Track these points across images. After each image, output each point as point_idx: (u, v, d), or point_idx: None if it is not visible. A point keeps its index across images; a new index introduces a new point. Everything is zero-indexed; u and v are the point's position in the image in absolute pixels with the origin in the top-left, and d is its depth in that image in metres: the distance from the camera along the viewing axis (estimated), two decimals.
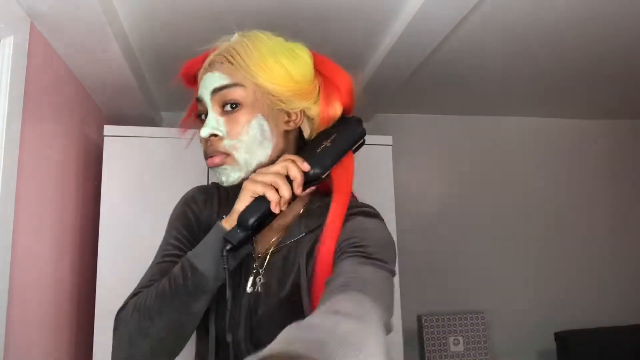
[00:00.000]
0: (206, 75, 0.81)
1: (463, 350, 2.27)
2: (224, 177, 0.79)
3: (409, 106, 2.46)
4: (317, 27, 1.53)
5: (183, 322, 0.72)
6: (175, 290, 0.71)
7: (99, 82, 1.71)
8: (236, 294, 0.79)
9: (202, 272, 0.71)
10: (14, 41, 1.13)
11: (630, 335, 2.35)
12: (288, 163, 0.73)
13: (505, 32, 1.65)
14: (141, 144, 1.73)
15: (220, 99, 0.79)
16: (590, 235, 2.64)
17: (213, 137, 0.79)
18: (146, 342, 0.71)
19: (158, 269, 0.79)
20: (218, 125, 0.78)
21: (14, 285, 1.15)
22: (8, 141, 1.11)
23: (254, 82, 0.78)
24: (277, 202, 0.70)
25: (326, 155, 0.75)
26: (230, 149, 0.78)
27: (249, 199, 0.72)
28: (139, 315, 0.71)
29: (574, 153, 2.71)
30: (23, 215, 1.21)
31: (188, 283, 0.71)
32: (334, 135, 0.78)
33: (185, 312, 0.71)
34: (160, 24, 1.47)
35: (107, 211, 1.65)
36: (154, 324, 0.70)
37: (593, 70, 2.04)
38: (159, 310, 0.71)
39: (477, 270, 2.48)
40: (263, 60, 0.78)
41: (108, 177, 1.68)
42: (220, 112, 0.79)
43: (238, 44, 0.80)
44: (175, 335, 0.72)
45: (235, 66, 0.78)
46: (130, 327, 0.71)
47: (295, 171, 0.72)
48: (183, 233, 0.84)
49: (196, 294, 0.71)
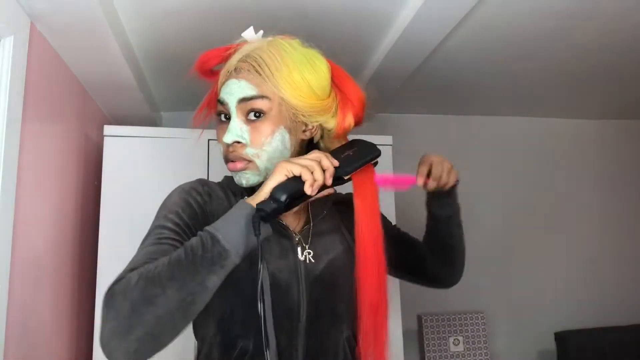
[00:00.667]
0: (232, 80, 0.83)
1: (463, 350, 2.27)
2: (244, 180, 0.84)
3: (409, 106, 2.46)
4: (317, 27, 1.53)
5: (195, 296, 0.67)
6: (192, 259, 0.67)
7: (99, 82, 1.71)
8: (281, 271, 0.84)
9: (223, 245, 0.68)
10: (14, 41, 1.13)
11: (630, 335, 2.35)
12: (321, 154, 0.76)
13: (505, 32, 1.65)
14: (141, 144, 1.73)
15: (245, 107, 0.82)
16: (590, 235, 2.64)
17: (236, 143, 0.83)
18: (152, 311, 0.64)
19: (156, 249, 0.74)
20: (242, 133, 0.82)
21: (14, 285, 1.15)
22: (8, 141, 1.11)
23: (280, 96, 0.82)
24: (311, 183, 0.72)
25: (350, 161, 0.81)
26: (253, 157, 0.83)
27: (283, 177, 0.73)
28: (145, 283, 0.65)
29: (574, 153, 2.70)
30: (23, 215, 1.21)
31: (207, 255, 0.67)
32: (355, 148, 0.84)
33: (200, 283, 0.67)
34: (160, 24, 1.47)
35: (107, 211, 1.65)
36: (164, 293, 0.64)
37: (593, 70, 2.04)
38: (172, 277, 0.66)
39: (477, 270, 2.47)
40: (290, 75, 0.82)
41: (108, 177, 1.68)
42: (245, 119, 0.83)
43: (264, 52, 0.83)
44: (184, 310, 0.66)
45: (263, 78, 0.82)
46: (134, 295, 0.64)
47: (327, 162, 0.76)
48: (184, 220, 0.81)
49: (214, 267, 0.68)
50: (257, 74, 0.82)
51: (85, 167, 1.76)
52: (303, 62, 0.84)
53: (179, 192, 0.86)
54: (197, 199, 0.85)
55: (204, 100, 0.93)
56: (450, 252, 1.03)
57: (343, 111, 0.88)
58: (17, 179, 1.16)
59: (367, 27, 1.56)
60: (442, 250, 1.02)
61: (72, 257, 1.63)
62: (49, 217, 1.42)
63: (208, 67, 0.90)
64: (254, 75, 0.82)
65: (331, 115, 0.87)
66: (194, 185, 0.88)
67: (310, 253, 0.87)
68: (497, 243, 2.53)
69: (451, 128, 2.60)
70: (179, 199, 0.84)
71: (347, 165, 0.80)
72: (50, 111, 1.42)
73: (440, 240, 1.02)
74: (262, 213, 0.70)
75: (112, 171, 1.68)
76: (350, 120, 0.89)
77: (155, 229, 0.79)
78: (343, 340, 0.87)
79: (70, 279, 1.60)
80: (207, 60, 0.89)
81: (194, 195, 0.85)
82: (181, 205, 0.83)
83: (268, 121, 0.82)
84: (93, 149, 1.85)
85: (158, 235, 0.77)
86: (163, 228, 0.78)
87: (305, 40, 0.88)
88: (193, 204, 0.84)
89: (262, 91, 0.81)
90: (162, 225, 0.79)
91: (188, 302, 0.66)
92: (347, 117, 0.88)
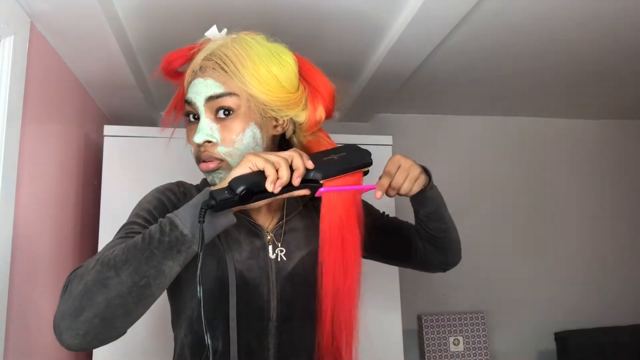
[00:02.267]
0: (198, 80, 0.82)
1: (463, 350, 2.27)
2: (218, 180, 0.83)
3: (409, 106, 2.46)
4: (317, 27, 1.53)
5: (149, 280, 0.65)
6: (149, 243, 0.66)
7: (99, 82, 1.71)
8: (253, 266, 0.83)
9: (181, 230, 0.67)
10: (14, 41, 1.13)
11: (630, 335, 2.35)
12: (294, 153, 0.73)
13: (505, 32, 1.65)
14: (141, 144, 1.73)
15: (213, 106, 0.81)
16: (590, 235, 2.64)
17: (207, 143, 0.81)
18: (103, 293, 0.63)
19: (122, 242, 0.73)
20: (212, 132, 0.81)
21: (14, 285, 1.15)
22: (8, 141, 1.11)
23: (248, 91, 0.81)
24: (273, 180, 0.69)
25: (331, 165, 0.77)
26: (225, 156, 0.81)
27: (247, 169, 0.70)
28: (101, 267, 0.65)
29: (574, 153, 2.70)
30: (23, 215, 1.21)
31: (164, 239, 0.66)
32: (343, 153, 0.80)
33: (154, 267, 0.65)
34: (160, 23, 1.47)
35: (107, 211, 1.65)
36: (118, 275, 0.64)
37: (594, 71, 2.04)
38: (126, 260, 0.65)
39: (477, 270, 2.48)
40: (256, 70, 0.81)
41: (108, 177, 1.68)
42: (214, 118, 0.82)
43: (229, 49, 0.82)
44: (137, 294, 0.65)
45: (229, 75, 0.80)
46: (88, 278, 0.64)
47: (299, 162, 0.72)
48: (154, 215, 0.81)
49: (171, 252, 0.66)
50: (222, 71, 0.81)
51: (85, 167, 1.76)
52: (269, 56, 0.83)
53: (153, 192, 0.87)
54: (171, 197, 0.86)
55: (171, 102, 0.93)
56: (437, 242, 1.00)
57: (313, 104, 0.87)
58: (17, 178, 1.16)
59: (367, 27, 1.56)
60: (429, 240, 1.00)
61: (73, 257, 1.63)
62: (49, 217, 1.42)
63: (173, 68, 0.89)
64: (219, 72, 0.81)
65: (301, 109, 0.86)
66: (169, 186, 0.89)
67: (282, 251, 0.87)
68: (497, 243, 2.53)
69: (451, 128, 2.60)
70: (153, 197, 0.85)
71: (324, 169, 0.75)
72: (50, 111, 1.42)
73: (425, 231, 0.99)
74: (212, 202, 0.67)
75: (112, 171, 1.68)
76: (321, 113, 0.88)
77: (125, 225, 0.80)
78: (318, 338, 0.86)
79: None
80: (172, 61, 0.88)
81: (167, 194, 0.86)
82: (154, 203, 0.83)
83: (238, 118, 0.81)
84: (93, 149, 1.85)
85: (127, 230, 0.78)
86: (133, 224, 0.79)
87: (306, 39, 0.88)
88: (166, 202, 0.84)
89: (229, 88, 0.80)
90: (132, 221, 0.80)
91: (141, 286, 0.65)
92: (317, 110, 0.87)
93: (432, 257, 1.03)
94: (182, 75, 0.89)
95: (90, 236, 1.77)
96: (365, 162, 0.80)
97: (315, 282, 0.86)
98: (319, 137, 0.92)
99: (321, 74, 0.89)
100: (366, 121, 2.48)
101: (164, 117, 0.93)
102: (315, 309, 0.86)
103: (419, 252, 1.02)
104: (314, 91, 0.88)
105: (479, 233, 2.51)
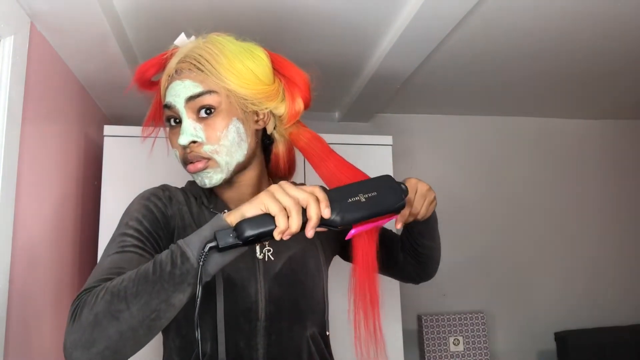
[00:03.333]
0: (175, 82, 0.82)
1: (463, 350, 2.27)
2: (207, 180, 0.84)
3: (409, 106, 2.46)
4: (317, 27, 1.53)
5: (160, 312, 0.65)
6: (160, 275, 0.64)
7: (99, 82, 1.71)
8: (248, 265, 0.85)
9: (192, 263, 0.65)
10: (14, 41, 1.13)
11: (630, 335, 2.35)
12: (312, 199, 0.66)
13: (505, 32, 1.65)
14: (141, 144, 1.73)
15: (194, 106, 0.81)
16: (590, 235, 2.64)
17: (192, 143, 0.82)
18: (114, 326, 0.63)
19: (119, 258, 0.73)
20: (196, 132, 0.81)
21: (14, 286, 1.15)
22: (8, 141, 1.11)
23: (226, 87, 0.81)
24: (282, 231, 0.65)
25: (355, 209, 0.68)
26: (212, 154, 0.82)
27: (258, 210, 0.66)
28: (111, 297, 0.64)
29: (574, 153, 2.71)
30: (23, 215, 1.21)
31: (176, 271, 0.65)
32: (374, 193, 0.70)
33: (165, 301, 0.64)
34: (160, 23, 1.47)
35: (107, 211, 1.65)
36: (129, 309, 0.63)
37: (593, 70, 2.04)
38: (137, 293, 0.64)
39: (477, 270, 2.48)
40: (232, 65, 0.81)
41: (108, 177, 1.68)
42: (196, 118, 0.82)
43: (202, 49, 0.83)
44: (148, 326, 0.64)
45: (205, 73, 0.81)
46: (98, 308, 0.64)
47: (314, 212, 0.66)
48: (145, 226, 0.80)
49: (181, 286, 0.65)
50: (199, 70, 0.82)
51: (85, 167, 1.76)
52: (241, 52, 0.84)
53: (139, 199, 0.86)
54: (158, 204, 0.85)
55: (149, 111, 0.93)
56: (420, 257, 1.00)
57: (291, 95, 0.88)
58: (17, 179, 1.16)
59: (367, 27, 1.56)
60: (413, 254, 1.01)
61: (72, 257, 1.63)
62: (49, 217, 1.42)
63: (147, 77, 0.90)
64: (196, 73, 0.82)
65: (280, 100, 0.87)
66: (154, 191, 0.88)
67: (270, 250, 0.87)
68: (497, 243, 2.53)
69: (451, 128, 2.60)
70: (140, 205, 0.84)
71: (346, 214, 0.67)
72: (50, 111, 1.42)
73: (412, 246, 0.99)
74: (213, 243, 0.65)
75: (112, 171, 1.68)
76: (299, 104, 0.89)
77: (117, 237, 0.79)
78: (307, 337, 0.87)
79: (70, 279, 1.60)
80: (145, 71, 0.89)
81: (153, 200, 0.85)
82: (142, 212, 0.83)
83: (220, 115, 0.82)
84: (93, 149, 1.85)
85: (121, 243, 0.77)
86: (125, 235, 0.78)
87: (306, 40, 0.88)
88: (154, 209, 0.84)
89: (208, 86, 0.81)
90: (124, 232, 0.79)
91: (152, 319, 0.65)
92: (296, 101, 0.88)
93: (410, 269, 1.04)
94: (156, 85, 0.90)
95: (90, 236, 1.77)
96: (398, 208, 0.71)
97: (304, 281, 0.87)
98: (299, 129, 0.92)
99: (294, 65, 0.89)
100: (366, 121, 2.48)
101: (143, 128, 0.94)
102: (302, 308, 0.86)
103: (398, 263, 1.04)
104: (290, 83, 0.88)
105: (478, 233, 2.51)
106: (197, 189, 0.91)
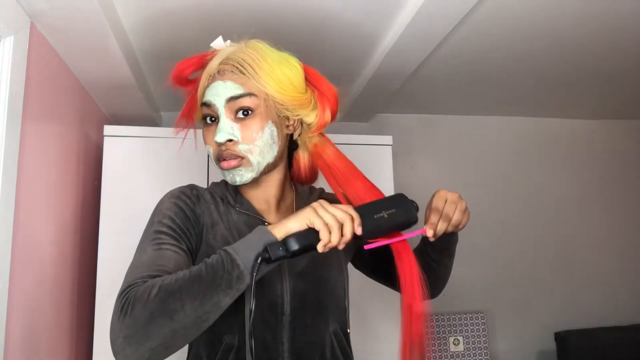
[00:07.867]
0: (217, 82, 0.87)
1: (463, 350, 2.27)
2: (238, 177, 0.88)
3: (409, 106, 2.46)
4: (318, 27, 1.53)
5: (210, 314, 0.70)
6: (213, 279, 0.70)
7: (99, 82, 1.71)
8: None
9: (242, 270, 0.71)
10: (14, 41, 1.13)
11: (630, 335, 2.35)
12: (347, 218, 0.75)
13: (505, 32, 1.66)
14: (141, 144, 1.73)
15: (234, 106, 0.86)
16: (590, 235, 2.64)
17: (229, 142, 0.86)
18: (169, 325, 0.67)
19: (157, 255, 0.78)
20: (233, 131, 0.86)
21: (14, 286, 1.15)
22: (8, 141, 1.11)
23: (265, 91, 0.86)
24: (324, 244, 0.73)
25: (380, 224, 0.80)
26: (246, 153, 0.86)
27: (304, 225, 0.74)
28: (166, 296, 0.68)
29: (574, 153, 2.71)
30: (23, 215, 1.21)
31: (226, 276, 0.70)
32: (393, 210, 0.81)
33: (215, 304, 0.70)
34: (160, 24, 1.48)
35: (107, 211, 1.65)
36: (183, 309, 0.67)
37: (594, 70, 2.04)
38: (193, 295, 0.68)
39: (477, 270, 2.48)
40: (272, 71, 0.86)
41: (108, 177, 1.68)
42: (234, 118, 0.87)
43: (244, 53, 0.87)
44: (198, 325, 0.70)
45: (247, 76, 0.86)
46: (153, 307, 0.67)
47: (349, 230, 0.75)
48: (177, 223, 0.84)
49: (230, 290, 0.70)
50: (241, 73, 0.86)
51: (85, 167, 1.76)
52: (280, 59, 0.88)
53: (169, 198, 0.90)
54: (187, 202, 0.89)
55: (184, 108, 0.97)
56: (431, 274, 0.99)
57: (322, 105, 0.93)
58: (17, 179, 1.16)
59: (367, 28, 1.56)
60: (425, 270, 0.98)
61: (72, 257, 1.63)
62: (49, 217, 1.42)
63: (184, 75, 0.94)
64: (238, 75, 0.86)
65: (311, 109, 0.92)
66: (183, 189, 0.92)
67: None
68: (497, 243, 2.53)
69: (451, 128, 2.60)
70: (170, 204, 0.88)
71: (374, 228, 0.79)
72: (50, 111, 1.42)
73: (426, 262, 0.98)
74: (266, 255, 0.72)
75: (112, 171, 1.68)
76: (328, 115, 0.93)
77: (152, 234, 0.82)
78: (330, 333, 0.90)
79: (70, 279, 1.60)
80: (183, 69, 0.93)
81: (183, 199, 0.89)
82: (173, 210, 0.87)
83: (257, 117, 0.86)
84: (93, 149, 1.85)
85: (157, 241, 0.81)
86: (160, 233, 0.82)
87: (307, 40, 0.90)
88: (184, 207, 0.88)
89: (249, 89, 0.85)
90: (158, 230, 0.83)
91: (203, 320, 0.70)
92: (325, 111, 0.93)
93: None
94: (191, 83, 0.94)
95: (90, 236, 1.77)
96: (412, 221, 0.83)
97: (327, 278, 0.91)
98: (324, 141, 0.96)
99: (324, 79, 0.94)
100: (366, 121, 2.48)
101: (177, 121, 0.97)
102: (326, 304, 0.90)
103: None
104: (321, 94, 0.93)
105: (479, 233, 2.51)
106: (222, 189, 0.95)
